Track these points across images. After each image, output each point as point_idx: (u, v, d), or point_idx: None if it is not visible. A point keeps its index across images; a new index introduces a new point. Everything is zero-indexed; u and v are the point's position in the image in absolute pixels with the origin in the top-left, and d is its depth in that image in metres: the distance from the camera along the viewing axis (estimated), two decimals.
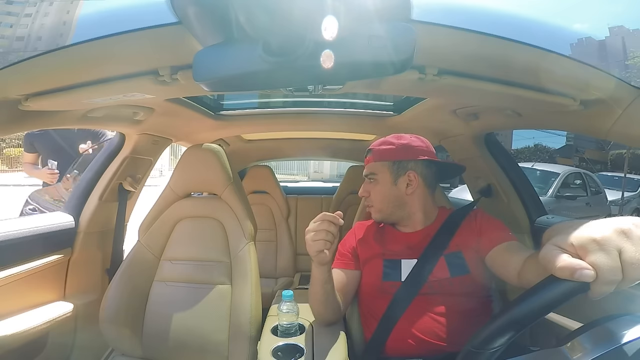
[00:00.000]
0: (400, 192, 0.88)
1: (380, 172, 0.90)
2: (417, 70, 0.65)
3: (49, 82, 0.68)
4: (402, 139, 0.90)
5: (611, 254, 0.36)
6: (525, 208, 1.23)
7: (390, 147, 0.90)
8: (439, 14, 0.49)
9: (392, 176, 0.89)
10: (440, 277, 0.81)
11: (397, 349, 0.80)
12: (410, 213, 0.90)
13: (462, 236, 0.85)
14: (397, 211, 0.90)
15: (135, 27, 0.50)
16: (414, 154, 0.88)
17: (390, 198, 0.89)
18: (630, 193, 6.62)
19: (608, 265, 0.36)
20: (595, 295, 0.37)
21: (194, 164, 1.10)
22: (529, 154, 14.30)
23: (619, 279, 0.36)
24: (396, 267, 0.85)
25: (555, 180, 4.81)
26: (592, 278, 0.36)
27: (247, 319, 0.94)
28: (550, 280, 0.39)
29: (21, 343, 0.94)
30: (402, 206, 0.89)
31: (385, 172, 0.89)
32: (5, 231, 0.96)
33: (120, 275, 1.01)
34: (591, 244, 0.37)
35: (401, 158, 0.88)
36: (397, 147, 0.89)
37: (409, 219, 0.91)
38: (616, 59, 0.54)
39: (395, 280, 0.84)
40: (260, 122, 1.45)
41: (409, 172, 0.88)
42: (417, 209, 0.90)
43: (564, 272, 0.37)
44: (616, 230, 0.37)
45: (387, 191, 0.89)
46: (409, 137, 0.91)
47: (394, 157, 0.89)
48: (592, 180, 5.64)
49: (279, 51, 0.42)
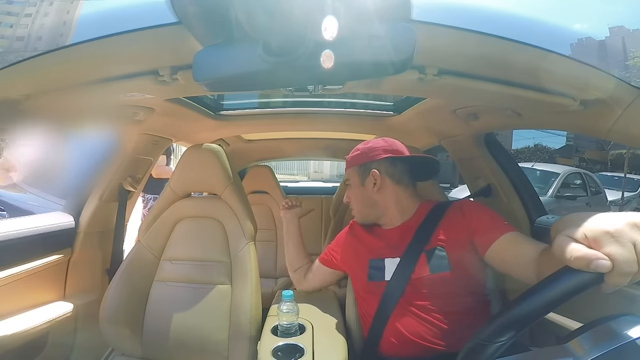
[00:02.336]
0: (368, 192, 0.92)
1: (351, 177, 0.97)
2: (417, 70, 0.65)
3: (49, 82, 0.68)
4: (367, 144, 0.95)
5: (626, 246, 0.36)
6: (525, 208, 1.23)
7: (357, 152, 0.96)
8: (439, 14, 0.49)
9: (360, 178, 0.94)
10: (422, 275, 0.79)
11: (390, 349, 0.80)
12: (383, 210, 0.93)
13: (445, 230, 0.83)
14: (371, 211, 0.94)
15: (135, 27, 0.50)
16: (375, 154, 0.92)
17: (362, 199, 0.94)
18: (630, 193, 6.62)
19: (624, 257, 0.36)
20: (609, 287, 0.37)
21: (194, 164, 1.10)
22: (529, 154, 14.28)
23: (635, 271, 0.36)
24: (380, 267, 0.86)
25: (555, 180, 4.81)
26: (608, 269, 0.36)
27: (247, 318, 0.94)
28: (565, 271, 0.38)
29: (21, 343, 0.94)
30: (373, 205, 0.93)
31: (355, 176, 0.96)
32: (5, 231, 0.96)
33: (120, 275, 1.01)
34: (605, 236, 0.37)
35: (365, 160, 0.93)
36: (362, 151, 0.95)
37: (384, 217, 0.93)
38: (616, 59, 0.54)
39: (380, 280, 0.84)
40: (260, 122, 1.45)
41: (372, 172, 0.91)
42: (389, 206, 0.91)
43: (580, 263, 0.37)
44: (629, 223, 0.37)
45: (359, 193, 0.95)
46: (374, 140, 0.95)
47: (359, 161, 0.95)
48: (592, 180, 5.64)
49: (279, 51, 0.42)
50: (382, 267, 0.86)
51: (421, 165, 0.96)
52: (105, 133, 1.21)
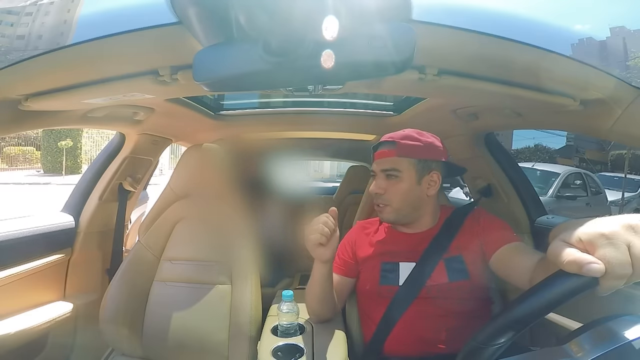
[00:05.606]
0: (422, 193, 0.85)
1: (405, 169, 0.83)
2: (417, 70, 0.65)
3: (49, 82, 0.68)
4: (424, 136, 0.86)
5: (620, 248, 0.36)
6: (525, 208, 1.23)
7: (417, 143, 0.84)
8: (440, 14, 0.49)
9: (417, 175, 0.84)
10: (439, 282, 0.79)
11: (396, 351, 0.80)
12: (422, 214, 0.88)
13: (464, 239, 0.83)
14: (412, 212, 0.87)
15: (135, 27, 0.50)
16: (438, 154, 0.86)
17: (412, 198, 0.84)
18: (630, 193, 6.62)
19: (618, 259, 0.35)
20: (604, 290, 0.37)
21: (194, 164, 1.10)
22: (529, 154, 14.30)
23: (629, 273, 0.36)
24: (394, 270, 0.84)
25: (555, 181, 4.80)
26: (600, 272, 0.35)
27: (247, 319, 0.94)
28: (559, 275, 0.38)
29: (21, 343, 0.94)
30: (419, 207, 0.86)
31: (411, 170, 0.83)
32: (5, 231, 0.96)
33: (120, 275, 1.01)
34: (600, 238, 0.37)
35: (428, 157, 0.84)
36: (424, 144, 0.84)
37: (418, 221, 0.89)
38: (617, 59, 0.54)
39: (393, 284, 0.83)
40: (260, 122, 1.45)
41: (432, 172, 0.84)
42: (429, 211, 0.88)
43: (572, 267, 0.37)
44: (624, 225, 0.37)
45: (410, 190, 0.84)
46: (428, 135, 0.88)
47: (421, 154, 0.84)
48: (592, 180, 5.63)
49: (279, 51, 0.42)
50: (396, 271, 0.84)
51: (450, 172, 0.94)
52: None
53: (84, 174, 1.30)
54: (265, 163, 2.21)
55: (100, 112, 0.93)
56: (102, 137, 12.43)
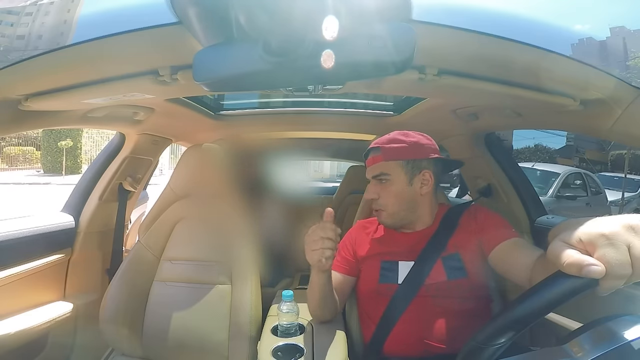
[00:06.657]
0: (416, 193, 0.85)
1: (393, 172, 0.85)
2: (417, 70, 0.65)
3: (49, 82, 0.68)
4: (409, 137, 0.86)
5: (620, 249, 0.36)
6: (525, 208, 1.23)
7: (402, 145, 0.85)
8: (439, 14, 0.49)
9: (407, 176, 0.84)
10: (438, 280, 0.80)
11: (396, 351, 0.80)
12: (419, 215, 0.88)
13: (461, 236, 0.84)
14: (409, 214, 0.87)
15: (135, 27, 0.50)
16: (426, 152, 0.86)
17: (405, 199, 0.85)
18: (630, 193, 6.62)
19: (617, 260, 0.35)
20: (604, 290, 0.37)
21: (194, 164, 1.10)
22: (529, 154, 14.30)
23: (629, 274, 0.36)
24: (393, 269, 0.85)
25: (555, 180, 4.80)
26: (600, 274, 0.35)
27: (247, 319, 0.94)
28: (559, 276, 0.38)
29: (21, 343, 0.94)
30: (414, 208, 0.87)
31: (400, 172, 0.84)
32: (5, 231, 0.96)
33: (120, 275, 1.01)
34: (600, 238, 0.36)
35: (415, 157, 0.85)
36: (409, 144, 0.85)
37: (416, 221, 0.89)
38: (617, 59, 0.54)
39: (392, 283, 0.83)
40: (260, 122, 1.45)
41: (424, 171, 0.85)
42: (426, 210, 0.88)
43: (572, 269, 0.37)
44: (624, 225, 0.37)
45: (402, 192, 0.85)
46: (413, 134, 0.88)
47: (407, 155, 0.84)
48: (592, 180, 5.63)
49: (279, 51, 0.42)
50: (395, 270, 0.84)
51: (446, 168, 0.94)
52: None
53: (84, 174, 1.30)
54: (265, 163, 2.21)
55: (100, 112, 0.93)
56: (102, 137, 12.44)
